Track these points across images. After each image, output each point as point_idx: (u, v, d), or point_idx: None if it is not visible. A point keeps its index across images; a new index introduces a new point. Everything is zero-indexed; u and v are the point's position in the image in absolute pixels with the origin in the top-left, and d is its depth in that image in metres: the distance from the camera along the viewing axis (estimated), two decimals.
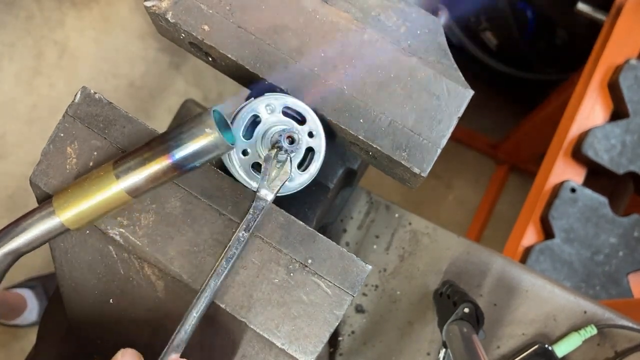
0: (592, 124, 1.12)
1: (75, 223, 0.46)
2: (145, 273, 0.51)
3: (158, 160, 0.42)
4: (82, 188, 0.45)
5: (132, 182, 0.43)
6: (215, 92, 2.03)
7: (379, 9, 0.54)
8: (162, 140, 0.43)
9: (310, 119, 0.50)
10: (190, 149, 0.42)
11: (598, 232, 1.08)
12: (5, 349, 1.75)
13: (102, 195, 0.44)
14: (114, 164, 0.44)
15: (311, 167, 0.49)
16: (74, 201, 0.45)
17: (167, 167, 0.42)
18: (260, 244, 0.48)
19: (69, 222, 0.46)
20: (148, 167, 0.43)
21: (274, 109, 0.50)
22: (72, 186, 0.46)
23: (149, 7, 0.52)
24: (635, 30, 1.16)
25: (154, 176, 0.43)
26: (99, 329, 0.57)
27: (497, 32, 1.70)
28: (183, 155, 0.42)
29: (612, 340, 0.72)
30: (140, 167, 0.43)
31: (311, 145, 0.50)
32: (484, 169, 2.01)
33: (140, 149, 0.44)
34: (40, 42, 2.02)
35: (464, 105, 0.51)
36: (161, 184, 0.44)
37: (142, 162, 0.43)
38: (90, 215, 0.45)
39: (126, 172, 0.43)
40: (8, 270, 0.47)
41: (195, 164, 0.43)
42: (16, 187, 1.87)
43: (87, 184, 0.45)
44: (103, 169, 0.45)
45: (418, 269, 0.79)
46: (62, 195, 0.45)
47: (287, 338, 0.47)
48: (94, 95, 0.50)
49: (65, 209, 0.45)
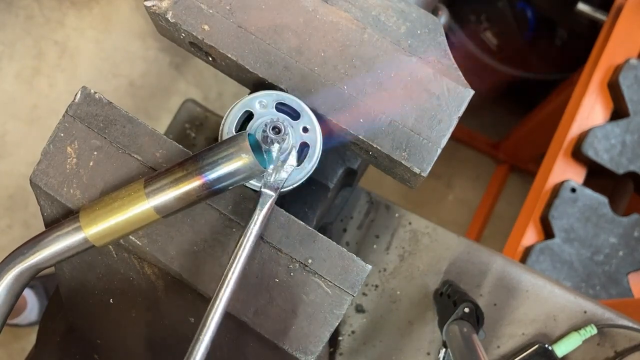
0: (592, 124, 1.12)
1: (100, 240, 0.45)
2: (145, 273, 0.51)
3: (190, 181, 0.42)
4: (111, 205, 0.44)
5: (162, 201, 0.43)
6: (215, 92, 2.03)
7: (379, 9, 0.54)
8: (196, 161, 0.43)
9: (305, 114, 0.50)
10: (224, 171, 0.42)
11: (598, 232, 1.08)
12: (5, 349, 1.75)
13: (131, 213, 0.44)
14: (145, 182, 0.44)
15: (306, 163, 0.49)
16: (102, 218, 0.44)
17: (199, 187, 0.42)
18: (260, 244, 0.48)
19: (95, 239, 0.45)
20: (180, 187, 0.43)
21: (267, 105, 0.50)
22: (100, 202, 0.45)
23: (149, 7, 0.52)
24: (635, 30, 1.16)
25: (185, 196, 0.43)
26: (99, 328, 0.57)
27: (497, 32, 1.70)
28: (216, 177, 0.42)
29: (612, 340, 0.72)
30: (172, 187, 0.43)
31: (306, 141, 0.49)
32: (484, 168, 2.01)
33: (172, 168, 0.44)
34: (40, 42, 2.02)
35: (464, 104, 0.51)
36: (190, 204, 0.44)
37: (174, 182, 0.43)
38: (117, 233, 0.45)
39: (157, 192, 0.43)
40: (27, 285, 0.46)
41: (227, 186, 0.43)
42: (16, 187, 1.87)
43: (117, 202, 0.44)
44: (133, 188, 0.44)
45: (418, 268, 0.79)
46: (90, 211, 0.45)
47: (287, 338, 0.47)
48: (94, 95, 0.50)
49: (92, 225, 0.44)
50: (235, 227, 0.48)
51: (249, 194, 0.49)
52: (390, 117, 0.50)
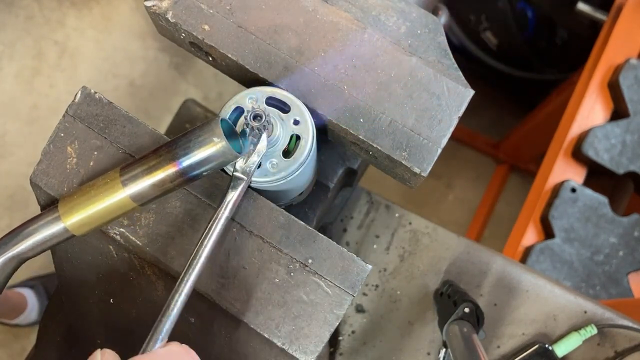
0: (592, 124, 1.12)
1: (80, 229, 0.45)
2: (146, 273, 0.51)
3: (165, 168, 0.42)
4: (88, 194, 0.44)
5: (138, 190, 0.43)
6: (215, 92, 2.03)
7: (379, 9, 0.54)
8: (169, 148, 0.43)
9: (295, 106, 0.50)
10: (198, 157, 0.42)
11: (598, 232, 1.08)
12: (5, 349, 1.75)
13: (108, 202, 0.44)
14: (121, 171, 0.44)
15: (297, 154, 0.49)
16: (80, 207, 0.45)
17: (173, 174, 0.42)
18: (260, 244, 0.48)
19: (74, 228, 0.45)
20: (155, 174, 0.43)
21: (257, 100, 0.50)
22: (78, 192, 0.45)
23: (149, 7, 0.52)
24: (635, 30, 1.16)
25: (160, 184, 0.43)
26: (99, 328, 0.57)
27: (497, 32, 1.70)
28: (190, 164, 0.42)
29: (612, 340, 0.72)
30: (147, 174, 0.43)
31: (297, 133, 0.49)
32: (484, 168, 2.01)
33: (147, 156, 0.44)
34: (40, 42, 2.02)
35: (464, 104, 0.51)
36: (167, 191, 0.44)
37: (148, 170, 0.43)
38: (95, 221, 0.45)
39: (133, 180, 0.43)
40: (12, 274, 0.47)
41: (201, 172, 0.43)
42: (16, 187, 1.87)
43: (93, 190, 0.44)
44: (109, 176, 0.44)
45: (418, 268, 0.79)
46: (68, 201, 0.45)
47: (287, 338, 0.47)
48: (94, 95, 0.50)
49: (70, 215, 0.45)
50: (236, 227, 0.48)
51: (249, 193, 0.49)
52: (390, 117, 0.50)
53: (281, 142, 0.49)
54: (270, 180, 0.48)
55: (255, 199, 0.49)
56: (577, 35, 1.59)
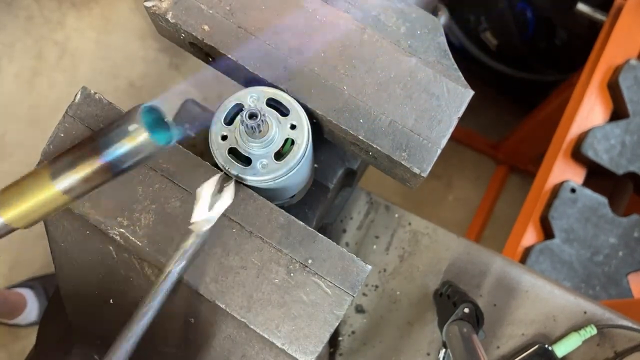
0: (592, 124, 1.12)
1: (19, 222, 0.44)
2: (145, 273, 0.51)
3: (88, 160, 0.41)
4: (20, 188, 0.43)
5: (67, 183, 0.42)
6: (216, 92, 2.03)
7: (379, 9, 0.54)
8: (90, 139, 0.41)
9: (294, 111, 0.50)
10: (119, 149, 0.40)
11: (598, 233, 1.08)
12: (5, 349, 1.75)
13: (39, 196, 0.42)
14: (50, 164, 0.42)
15: (288, 158, 0.49)
16: (15, 201, 0.43)
17: (98, 167, 0.41)
18: (260, 244, 0.48)
19: (13, 221, 0.44)
20: (80, 167, 0.41)
21: (258, 99, 0.50)
22: (13, 185, 0.44)
23: (149, 7, 0.52)
24: (635, 30, 1.16)
25: (87, 177, 0.41)
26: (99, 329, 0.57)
27: (497, 32, 1.70)
28: (113, 157, 0.40)
29: (612, 340, 0.72)
30: (72, 167, 0.41)
31: (292, 137, 0.49)
32: (483, 169, 2.01)
33: (72, 148, 0.42)
34: (40, 42, 2.02)
35: (464, 105, 0.51)
36: (98, 184, 0.42)
37: (73, 163, 0.41)
38: (34, 214, 0.44)
39: (60, 173, 0.42)
40: None
41: (127, 164, 0.41)
42: None
43: (25, 183, 0.43)
44: (39, 170, 0.43)
45: (418, 269, 0.79)
46: (4, 194, 0.44)
47: (287, 338, 0.47)
48: (94, 95, 0.50)
49: (7, 209, 0.43)
50: (236, 227, 0.48)
51: (249, 194, 0.49)
52: (390, 117, 0.51)
53: (275, 144, 0.49)
54: (257, 180, 0.48)
55: (255, 199, 0.49)
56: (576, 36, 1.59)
